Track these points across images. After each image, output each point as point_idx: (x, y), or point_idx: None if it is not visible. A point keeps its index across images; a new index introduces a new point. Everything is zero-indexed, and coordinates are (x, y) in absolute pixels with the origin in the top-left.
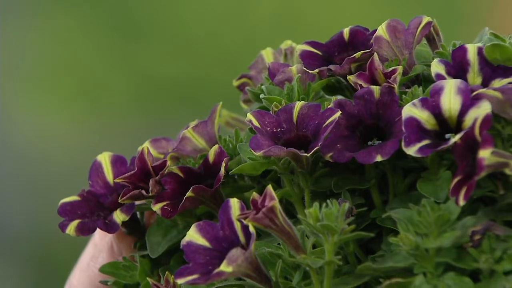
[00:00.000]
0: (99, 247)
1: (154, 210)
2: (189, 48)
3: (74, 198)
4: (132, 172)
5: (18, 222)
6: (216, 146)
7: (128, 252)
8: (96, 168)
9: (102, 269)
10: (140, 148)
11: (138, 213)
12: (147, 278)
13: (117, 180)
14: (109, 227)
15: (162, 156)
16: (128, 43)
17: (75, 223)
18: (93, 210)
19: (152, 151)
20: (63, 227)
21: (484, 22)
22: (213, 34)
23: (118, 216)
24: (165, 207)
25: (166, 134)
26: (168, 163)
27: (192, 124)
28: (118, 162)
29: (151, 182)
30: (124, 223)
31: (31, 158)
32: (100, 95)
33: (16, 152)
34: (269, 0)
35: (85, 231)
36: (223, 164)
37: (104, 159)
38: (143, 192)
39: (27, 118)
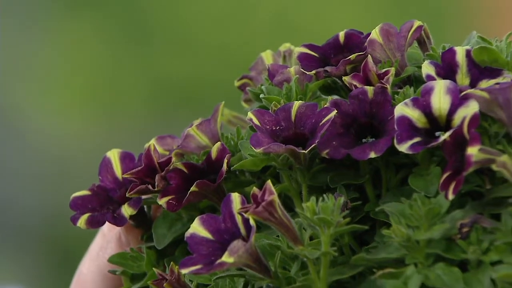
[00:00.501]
0: (107, 238)
1: (160, 204)
2: (195, 51)
3: (85, 192)
4: (139, 168)
5: (32, 213)
6: (219, 143)
7: (136, 243)
8: (106, 164)
9: (111, 260)
10: (146, 145)
11: (145, 206)
12: (153, 268)
13: (125, 176)
14: (118, 220)
15: (167, 153)
16: (139, 45)
17: (85, 216)
18: (102, 204)
19: (158, 148)
20: (74, 220)
21: (472, 25)
22: (217, 38)
23: (126, 210)
24: (170, 201)
25: (173, 131)
26: (173, 159)
27: (196, 122)
28: (126, 159)
29: (157, 177)
30: (132, 216)
31: (46, 153)
32: (111, 95)
33: (31, 147)
34: (268, 8)
35: (95, 224)
36: (225, 161)
37: (113, 155)
38: (150, 187)
39: (42, 116)
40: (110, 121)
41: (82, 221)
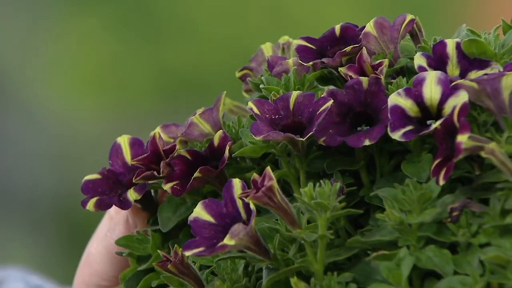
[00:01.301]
0: (115, 220)
1: (164, 189)
2: (199, 42)
3: (95, 176)
4: (145, 155)
5: (44, 193)
6: (221, 131)
7: (142, 225)
8: (116, 149)
9: (118, 242)
10: (152, 133)
11: (152, 191)
12: (158, 250)
13: (131, 162)
14: (123, 204)
15: (172, 140)
16: (146, 36)
17: (94, 200)
18: (112, 188)
19: (163, 135)
20: (84, 203)
21: (461, 18)
22: (220, 30)
23: (131, 195)
24: (175, 186)
25: (177, 117)
26: (177, 146)
27: (199, 111)
28: (136, 144)
29: (162, 164)
30: (139, 200)
31: (57, 135)
32: (120, 82)
33: (44, 130)
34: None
35: (103, 206)
36: (227, 148)
37: (124, 141)
38: (155, 173)
39: (55, 100)
40: (118, 106)
41: (90, 204)
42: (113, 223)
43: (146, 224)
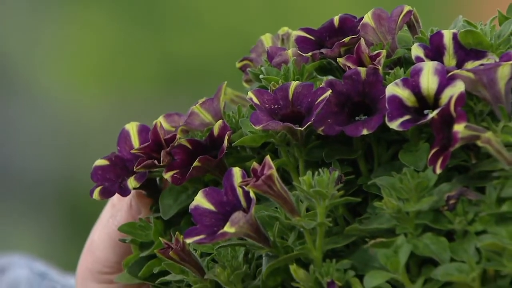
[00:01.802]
0: (117, 207)
1: (165, 178)
2: (202, 31)
3: (104, 162)
4: (146, 144)
5: (49, 178)
6: (220, 121)
7: (146, 211)
8: (125, 136)
9: (121, 228)
10: (155, 122)
11: (157, 178)
12: (160, 237)
13: (133, 151)
14: (123, 191)
15: (174, 129)
16: (150, 24)
17: (98, 189)
18: (118, 174)
19: (165, 124)
20: (91, 192)
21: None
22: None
23: (131, 182)
24: (175, 175)
25: (179, 104)
26: (178, 136)
27: (200, 101)
28: (143, 132)
29: (162, 153)
30: (144, 187)
31: (63, 122)
32: (124, 69)
33: (49, 117)
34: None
35: (106, 194)
36: (226, 137)
37: (132, 128)
38: (155, 162)
39: (59, 87)
40: (121, 93)
41: (96, 194)
42: (115, 210)
43: (150, 210)
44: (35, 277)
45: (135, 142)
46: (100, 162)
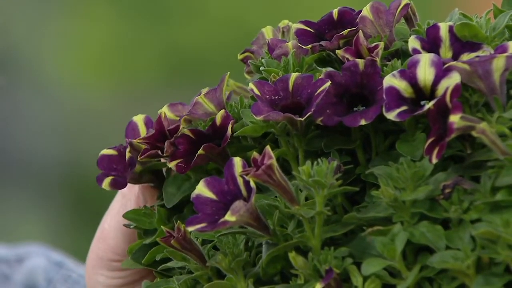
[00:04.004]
0: (128, 196)
1: (169, 166)
2: (205, 22)
3: (112, 151)
4: (150, 133)
5: (55, 165)
6: (222, 110)
7: (152, 201)
8: (133, 128)
9: (126, 215)
10: (159, 112)
11: (164, 170)
12: (162, 226)
13: (137, 141)
14: (132, 179)
15: (178, 118)
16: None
17: (109, 179)
18: (127, 165)
19: (169, 114)
20: (99, 180)
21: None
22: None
23: (137, 169)
24: (179, 163)
25: (185, 95)
26: (181, 127)
27: (204, 91)
28: (150, 123)
29: (166, 143)
30: (150, 178)
31: (69, 110)
32: (129, 57)
33: (56, 105)
34: None
35: (118, 185)
36: (230, 126)
37: (140, 120)
38: (159, 152)
39: (65, 73)
40: (126, 82)
41: (106, 183)
42: (126, 200)
43: (156, 200)
44: (52, 266)
45: (143, 133)
46: (107, 151)
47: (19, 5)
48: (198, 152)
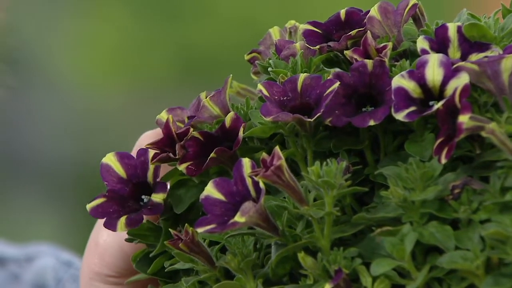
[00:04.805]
0: None
1: (180, 169)
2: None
3: (100, 200)
4: (159, 138)
5: (68, 164)
6: (232, 113)
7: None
8: (107, 170)
9: (130, 232)
10: (158, 117)
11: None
12: (170, 229)
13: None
14: (154, 209)
15: (178, 123)
16: (167, 15)
17: (123, 219)
18: (122, 204)
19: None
20: (110, 226)
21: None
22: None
23: (156, 197)
24: (189, 166)
25: (193, 93)
26: (191, 130)
27: (203, 94)
28: (124, 158)
29: (177, 146)
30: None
31: (81, 110)
32: (140, 57)
33: (68, 105)
34: None
35: (134, 223)
36: (241, 129)
37: (110, 159)
38: (170, 155)
39: (76, 74)
40: (137, 81)
41: (121, 225)
42: None
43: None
44: (61, 266)
45: (120, 171)
46: (94, 203)
47: (31, 5)
48: (211, 155)
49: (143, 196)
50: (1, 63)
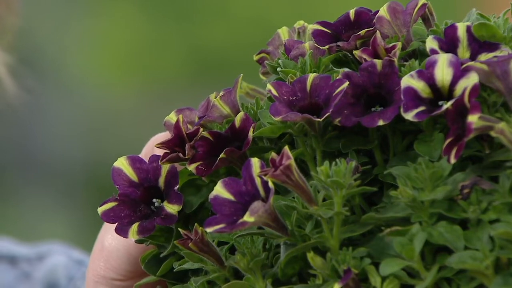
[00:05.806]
0: None
1: (189, 169)
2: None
3: (111, 204)
4: (169, 138)
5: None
6: (242, 113)
7: None
8: (118, 174)
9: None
10: (166, 118)
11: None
12: (179, 229)
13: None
14: (167, 220)
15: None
16: (179, 16)
17: (135, 227)
18: (133, 209)
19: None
20: (122, 233)
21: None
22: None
23: (171, 208)
24: (199, 166)
25: (204, 93)
26: (201, 130)
27: (212, 95)
28: (136, 162)
29: (187, 146)
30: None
31: (95, 110)
32: (152, 58)
33: (82, 105)
34: None
35: (146, 231)
36: (251, 129)
37: (122, 163)
38: (180, 155)
39: (89, 76)
40: (149, 82)
41: (133, 233)
42: None
43: None
44: (72, 264)
45: (131, 175)
46: (106, 206)
47: (44, 6)
48: (220, 155)
49: (154, 200)
50: (20, 66)
